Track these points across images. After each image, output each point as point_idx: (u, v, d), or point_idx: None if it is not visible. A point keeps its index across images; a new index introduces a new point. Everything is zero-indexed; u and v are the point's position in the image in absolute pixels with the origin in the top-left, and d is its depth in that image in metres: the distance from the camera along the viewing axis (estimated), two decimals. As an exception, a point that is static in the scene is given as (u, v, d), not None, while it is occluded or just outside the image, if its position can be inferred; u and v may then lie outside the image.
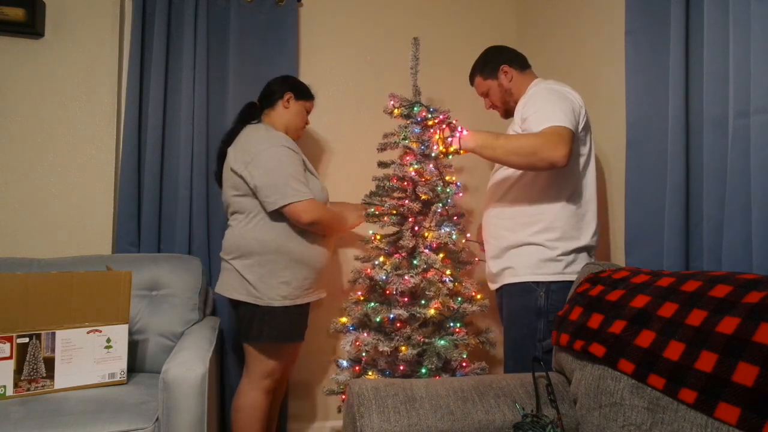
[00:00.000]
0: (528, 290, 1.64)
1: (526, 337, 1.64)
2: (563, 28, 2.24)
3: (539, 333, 1.61)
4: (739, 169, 1.24)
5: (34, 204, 2.13)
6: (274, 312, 1.79)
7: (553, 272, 1.62)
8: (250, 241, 1.80)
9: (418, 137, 1.97)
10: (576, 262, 1.63)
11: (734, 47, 1.26)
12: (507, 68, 1.82)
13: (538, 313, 1.62)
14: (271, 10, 2.35)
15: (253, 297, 1.79)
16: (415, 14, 2.59)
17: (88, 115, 2.19)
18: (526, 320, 1.64)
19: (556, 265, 1.62)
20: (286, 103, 1.95)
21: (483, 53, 1.91)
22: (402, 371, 1.88)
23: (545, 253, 1.63)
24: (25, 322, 1.59)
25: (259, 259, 1.79)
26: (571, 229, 1.63)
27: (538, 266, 1.64)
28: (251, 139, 1.83)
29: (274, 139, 1.81)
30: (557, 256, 1.62)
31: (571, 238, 1.63)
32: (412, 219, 1.94)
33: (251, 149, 1.79)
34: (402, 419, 1.19)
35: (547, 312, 1.60)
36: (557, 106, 1.54)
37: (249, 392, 1.85)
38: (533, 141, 1.49)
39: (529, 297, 1.64)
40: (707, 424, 0.93)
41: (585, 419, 1.22)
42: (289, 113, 1.96)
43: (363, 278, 1.98)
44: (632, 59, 1.62)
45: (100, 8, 2.21)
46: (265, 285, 1.78)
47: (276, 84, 1.98)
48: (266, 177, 1.75)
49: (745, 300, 0.96)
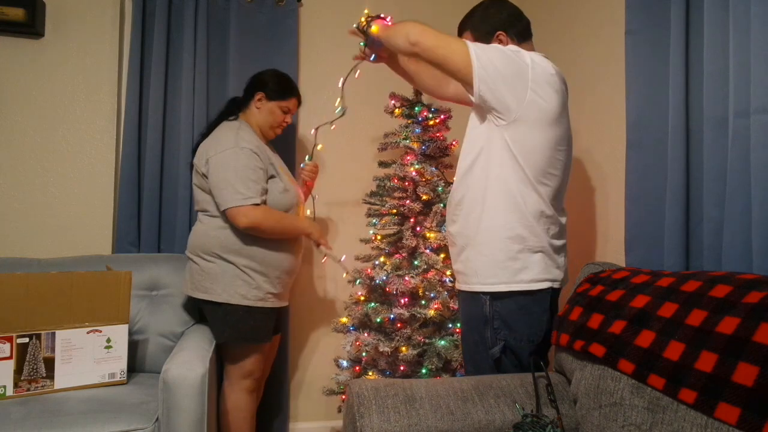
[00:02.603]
0: (474, 297, 1.49)
1: (478, 345, 1.49)
2: (563, 28, 2.23)
3: (488, 341, 1.47)
4: (739, 169, 1.23)
5: (34, 204, 2.13)
6: (237, 312, 1.77)
7: (500, 281, 1.43)
8: (211, 240, 1.80)
9: (419, 137, 1.97)
10: (529, 268, 1.43)
11: (734, 47, 1.26)
12: (503, 36, 1.54)
13: (485, 321, 1.46)
14: (271, 10, 2.35)
15: (213, 294, 1.78)
16: (415, 15, 2.59)
17: (88, 115, 2.19)
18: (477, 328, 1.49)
19: (503, 273, 1.43)
20: (257, 103, 1.92)
21: (483, 5, 1.61)
22: (402, 371, 1.88)
23: (494, 257, 1.44)
24: (25, 322, 1.59)
25: (219, 257, 1.79)
26: (523, 229, 1.42)
27: (485, 273, 1.46)
28: (219, 137, 1.82)
29: (240, 140, 1.78)
30: (505, 261, 1.42)
31: (524, 239, 1.42)
32: (413, 219, 1.94)
33: (214, 148, 1.79)
34: (402, 419, 1.19)
35: (493, 320, 1.45)
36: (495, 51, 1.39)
37: (230, 395, 1.84)
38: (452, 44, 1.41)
39: (475, 304, 1.48)
40: (707, 424, 0.93)
41: (585, 419, 1.22)
42: (261, 113, 1.92)
43: (363, 278, 1.98)
44: (632, 59, 1.62)
45: (100, 8, 2.21)
46: (224, 282, 1.78)
47: (252, 81, 1.95)
48: (217, 178, 1.75)
49: (745, 300, 0.96)
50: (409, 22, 1.50)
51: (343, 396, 1.98)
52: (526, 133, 1.40)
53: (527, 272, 1.43)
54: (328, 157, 2.48)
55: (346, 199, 2.29)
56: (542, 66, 1.41)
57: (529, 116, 1.39)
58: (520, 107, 1.38)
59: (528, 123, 1.39)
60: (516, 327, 1.45)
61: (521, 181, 1.42)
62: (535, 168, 1.42)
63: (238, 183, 1.73)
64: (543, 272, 1.45)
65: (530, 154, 1.41)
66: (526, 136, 1.40)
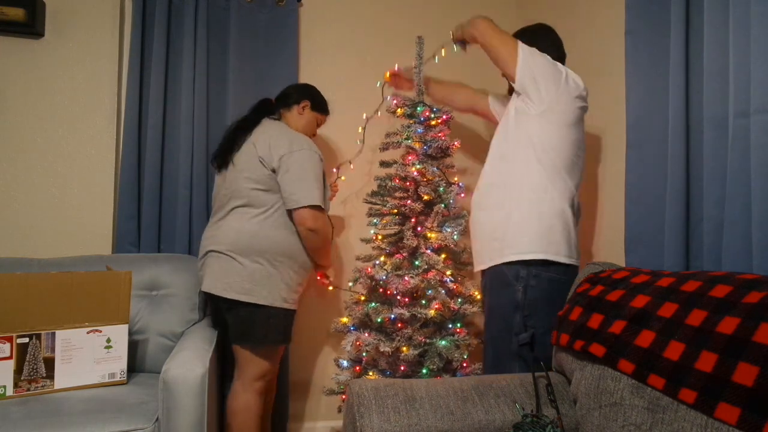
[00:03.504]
0: (506, 284, 1.62)
1: (503, 331, 1.63)
2: (563, 28, 2.23)
3: (516, 327, 1.60)
4: (739, 169, 1.23)
5: (34, 204, 2.13)
6: (278, 315, 1.79)
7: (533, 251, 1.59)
8: (264, 241, 1.77)
9: (420, 137, 1.97)
10: (561, 247, 1.60)
11: (734, 47, 1.26)
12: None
13: (515, 307, 1.60)
14: (271, 10, 2.35)
15: (256, 297, 1.75)
16: (415, 14, 2.59)
17: (88, 115, 2.19)
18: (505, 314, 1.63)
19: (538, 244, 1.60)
20: (300, 110, 1.96)
21: (536, 26, 1.86)
22: (403, 371, 1.88)
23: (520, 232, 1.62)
24: (25, 322, 1.59)
25: (267, 260, 1.77)
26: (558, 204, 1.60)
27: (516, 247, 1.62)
28: (288, 134, 1.83)
29: (310, 142, 1.85)
30: (538, 233, 1.60)
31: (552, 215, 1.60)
32: (414, 219, 1.94)
33: (288, 145, 1.78)
34: (402, 419, 1.19)
35: (524, 306, 1.59)
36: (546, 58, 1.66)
37: (242, 394, 1.82)
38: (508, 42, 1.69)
39: (506, 291, 1.62)
40: (707, 424, 0.93)
41: (585, 419, 1.22)
42: (302, 120, 1.97)
43: (363, 278, 1.98)
44: (632, 59, 1.62)
45: (100, 8, 2.21)
46: (270, 285, 1.76)
47: (296, 88, 2.01)
48: (296, 175, 1.75)
49: (745, 300, 0.96)
50: (480, 19, 1.81)
51: (343, 396, 1.98)
52: (552, 131, 1.62)
53: (560, 248, 1.60)
54: (329, 157, 2.48)
55: (346, 197, 2.29)
56: (573, 78, 1.66)
57: (555, 110, 1.62)
58: (551, 100, 1.62)
59: (554, 119, 1.62)
60: (542, 315, 1.56)
61: (545, 173, 1.62)
62: (558, 162, 1.62)
63: (314, 184, 1.76)
64: (571, 254, 1.63)
65: (553, 149, 1.62)
66: (551, 133, 1.62)
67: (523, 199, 1.62)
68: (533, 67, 1.63)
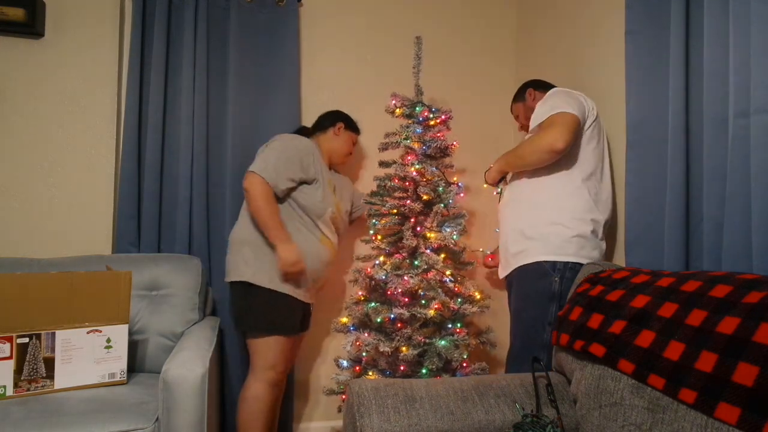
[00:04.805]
0: (543, 274, 1.70)
1: (537, 320, 1.71)
2: (563, 28, 2.24)
3: (550, 316, 1.69)
4: (739, 169, 1.23)
5: (34, 204, 2.13)
6: (254, 294, 1.88)
7: (567, 254, 1.69)
8: (234, 231, 2.00)
9: (419, 137, 1.97)
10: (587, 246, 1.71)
11: (734, 47, 1.26)
12: (532, 90, 2.04)
13: (551, 297, 1.69)
14: (271, 10, 2.35)
15: (228, 276, 1.94)
16: (415, 14, 2.59)
17: (88, 115, 2.19)
18: (539, 303, 1.71)
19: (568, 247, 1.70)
20: (337, 131, 2.14)
21: (529, 83, 2.09)
22: (402, 371, 1.88)
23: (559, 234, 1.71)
24: (25, 322, 1.59)
25: (235, 242, 1.96)
26: (583, 212, 1.72)
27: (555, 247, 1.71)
28: (292, 135, 2.06)
29: (301, 139, 1.99)
30: (571, 237, 1.70)
31: (582, 221, 1.70)
32: (413, 219, 1.94)
33: (281, 137, 2.00)
34: (402, 419, 1.19)
35: (560, 296, 1.68)
36: (561, 99, 1.73)
37: (252, 383, 1.89)
38: (532, 142, 1.73)
39: (543, 281, 1.70)
40: (707, 424, 0.93)
41: (585, 419, 1.22)
42: (338, 140, 2.14)
43: (363, 278, 1.98)
44: (632, 59, 1.62)
45: (100, 8, 2.21)
46: (232, 264, 1.93)
47: (328, 114, 2.19)
48: (263, 151, 1.93)
49: (745, 300, 0.96)
50: (494, 164, 1.95)
51: (343, 396, 1.98)
52: (578, 145, 1.75)
53: (592, 253, 1.72)
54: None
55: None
56: (589, 101, 1.79)
57: (585, 132, 1.76)
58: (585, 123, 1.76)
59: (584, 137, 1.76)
60: None
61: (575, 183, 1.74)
62: (584, 172, 1.74)
63: (270, 159, 1.89)
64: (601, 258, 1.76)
65: (582, 161, 1.75)
66: (578, 148, 1.76)
67: (558, 206, 1.72)
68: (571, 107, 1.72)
